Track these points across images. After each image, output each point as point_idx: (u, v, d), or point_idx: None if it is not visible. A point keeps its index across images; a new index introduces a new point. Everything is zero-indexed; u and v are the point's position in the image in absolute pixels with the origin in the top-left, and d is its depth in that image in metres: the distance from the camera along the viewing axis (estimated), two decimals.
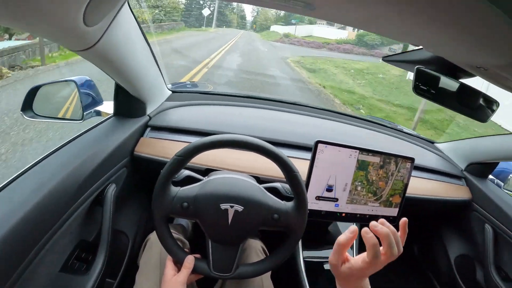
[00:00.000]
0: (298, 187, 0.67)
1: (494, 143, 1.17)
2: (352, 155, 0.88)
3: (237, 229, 0.66)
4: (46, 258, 0.64)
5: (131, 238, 1.02)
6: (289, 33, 33.42)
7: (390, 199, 0.96)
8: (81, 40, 0.56)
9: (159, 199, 0.65)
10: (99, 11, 0.52)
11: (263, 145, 0.64)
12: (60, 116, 1.01)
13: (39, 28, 0.48)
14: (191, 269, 0.67)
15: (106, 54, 0.65)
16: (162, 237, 0.68)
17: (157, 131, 1.02)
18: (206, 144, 0.64)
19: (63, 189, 0.66)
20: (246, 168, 0.92)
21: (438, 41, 0.44)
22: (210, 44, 15.03)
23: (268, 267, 0.70)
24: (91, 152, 0.77)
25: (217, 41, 17.14)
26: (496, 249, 1.15)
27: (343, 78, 10.99)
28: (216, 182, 0.69)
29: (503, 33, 0.32)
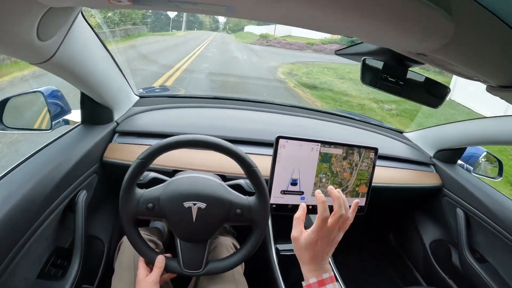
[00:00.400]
0: (257, 181, 0.69)
1: (460, 129, 1.20)
2: (314, 149, 0.91)
3: (202, 225, 0.69)
4: (22, 265, 0.66)
5: (107, 243, 1.03)
6: (267, 33, 30.01)
7: (357, 189, 0.99)
8: (37, 53, 0.57)
9: (124, 202, 0.67)
10: (52, 26, 0.54)
11: (219, 142, 0.67)
12: (36, 126, 1.03)
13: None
14: (162, 268, 0.69)
15: (65, 65, 0.67)
16: (131, 239, 0.70)
17: (125, 136, 1.04)
18: (165, 145, 0.67)
19: (33, 197, 0.68)
20: (212, 168, 0.95)
21: (369, 33, 0.46)
22: (172, 52, 11.37)
23: (237, 261, 0.73)
24: (59, 161, 0.79)
25: (183, 47, 13.79)
26: (469, 232, 1.18)
27: (362, 101, 7.33)
28: (180, 181, 0.71)
29: (428, 17, 0.34)
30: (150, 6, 0.45)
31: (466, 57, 0.46)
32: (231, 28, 49.63)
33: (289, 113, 1.34)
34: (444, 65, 0.54)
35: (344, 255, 1.23)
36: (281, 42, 23.00)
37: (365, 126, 1.39)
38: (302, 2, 0.35)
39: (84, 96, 0.92)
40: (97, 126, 0.98)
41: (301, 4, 0.35)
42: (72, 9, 0.57)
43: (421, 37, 0.41)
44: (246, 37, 32.31)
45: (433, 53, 0.46)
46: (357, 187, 0.98)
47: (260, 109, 1.33)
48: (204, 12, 0.45)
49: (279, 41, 23.33)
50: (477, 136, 1.13)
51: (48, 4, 0.45)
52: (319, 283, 0.59)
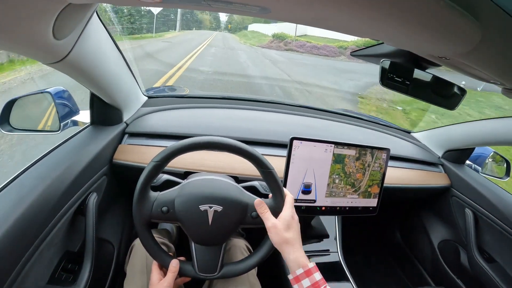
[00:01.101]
0: (274, 183, 0.68)
1: (468, 129, 1.20)
2: (327, 150, 0.90)
3: (218, 229, 0.68)
4: (32, 272, 0.65)
5: (116, 246, 1.02)
6: (282, 33, 23.67)
7: (369, 189, 0.99)
8: (52, 53, 0.56)
9: (139, 205, 0.66)
10: (68, 24, 0.53)
11: (236, 144, 0.66)
12: (40, 127, 1.01)
13: (9, 44, 0.49)
14: (176, 273, 0.68)
15: (78, 65, 0.65)
16: (145, 243, 0.68)
17: (135, 137, 1.02)
18: (181, 147, 0.65)
19: (43, 201, 0.66)
20: (224, 169, 0.94)
21: (395, 35, 0.45)
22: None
23: (252, 265, 0.71)
24: (70, 163, 0.78)
25: (165, 56, 9.68)
26: (478, 232, 1.18)
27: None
28: (194, 184, 0.70)
29: (457, 23, 0.34)
30: (180, 4, 0.44)
31: (490, 62, 0.46)
32: (233, 27, 45.86)
33: (298, 113, 1.33)
34: (463, 68, 0.54)
35: (351, 254, 1.23)
36: (305, 46, 17.32)
37: (373, 126, 1.39)
38: (335, 5, 0.34)
39: (94, 96, 0.90)
40: (106, 127, 0.97)
41: (333, 6, 0.35)
42: (89, 6, 0.56)
43: (447, 42, 0.41)
44: (252, 36, 29.08)
45: (456, 57, 0.46)
46: (369, 187, 0.98)
47: (269, 109, 1.32)
48: (237, 12, 0.45)
49: (301, 44, 17.82)
50: (486, 136, 1.13)
51: (68, 0, 0.44)
52: (306, 273, 0.60)
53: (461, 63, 0.50)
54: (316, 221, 1.14)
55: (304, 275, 0.60)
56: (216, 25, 52.81)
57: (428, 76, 0.70)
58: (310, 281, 0.60)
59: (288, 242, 0.63)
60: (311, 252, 1.06)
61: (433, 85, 0.71)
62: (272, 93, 6.60)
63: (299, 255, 0.62)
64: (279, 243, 0.64)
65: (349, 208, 0.98)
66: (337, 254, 1.06)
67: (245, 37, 30.39)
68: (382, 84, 0.72)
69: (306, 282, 0.60)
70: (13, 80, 4.64)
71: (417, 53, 0.57)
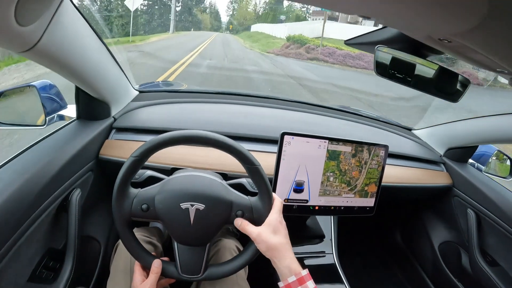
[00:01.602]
0: (260, 180, 0.64)
1: (471, 127, 1.16)
2: (321, 146, 0.86)
3: (200, 228, 0.64)
4: (10, 269, 0.62)
5: (103, 244, 0.99)
6: (301, 35, 17.83)
7: (366, 188, 0.95)
8: (18, 40, 0.53)
9: (118, 202, 0.63)
10: (32, 9, 0.49)
11: (219, 138, 0.62)
12: (28, 122, 0.99)
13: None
14: (159, 274, 0.65)
15: (51, 54, 0.62)
16: (126, 242, 0.65)
17: (123, 132, 0.99)
18: (161, 141, 0.62)
19: (20, 196, 0.63)
20: (213, 166, 0.90)
21: (389, 12, 0.41)
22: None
23: (238, 266, 0.68)
24: (51, 157, 0.75)
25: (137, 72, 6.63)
26: (480, 233, 1.14)
27: None
28: (176, 180, 0.66)
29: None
30: None
31: (496, 43, 0.41)
32: (235, 28, 42.14)
33: (295, 109, 1.29)
34: (466, 53, 0.49)
35: (349, 256, 1.19)
36: (335, 54, 12.00)
37: (372, 122, 1.34)
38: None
39: (79, 90, 0.88)
40: (93, 122, 0.94)
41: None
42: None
43: (449, 17, 0.36)
44: (258, 38, 24.99)
45: (459, 38, 0.42)
46: (366, 186, 0.94)
47: (264, 105, 1.28)
48: None
49: (330, 52, 12.30)
50: (489, 134, 1.08)
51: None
52: (298, 281, 0.57)
53: (464, 47, 0.45)
54: (311, 221, 1.11)
55: (297, 283, 0.57)
56: (217, 25, 49.82)
57: (429, 67, 0.66)
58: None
59: (276, 248, 0.60)
60: (306, 253, 1.02)
61: (434, 76, 0.68)
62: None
63: (290, 261, 0.59)
64: (267, 251, 0.60)
65: (344, 208, 0.94)
66: (331, 256, 1.02)
67: (250, 39, 26.58)
68: (377, 73, 0.69)
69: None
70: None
71: (413, 35, 0.52)
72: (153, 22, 25.16)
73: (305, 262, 0.99)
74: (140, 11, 16.65)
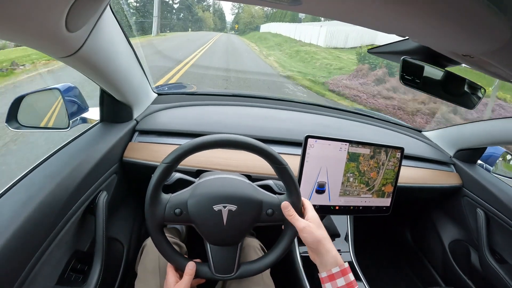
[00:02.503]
0: (288, 179, 0.66)
1: (480, 129, 1.19)
2: (342, 148, 0.89)
3: (233, 228, 0.66)
4: (42, 272, 0.63)
5: (126, 245, 1.00)
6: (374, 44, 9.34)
7: (383, 188, 0.97)
8: (64, 46, 0.54)
9: (151, 208, 0.64)
10: (81, 16, 0.51)
11: (249, 141, 0.64)
12: (43, 124, 0.99)
13: (20, 36, 0.47)
14: (193, 275, 0.66)
15: (90, 59, 0.63)
16: (159, 246, 0.66)
17: (145, 135, 1.01)
18: (193, 147, 0.63)
19: (53, 200, 0.64)
20: (237, 167, 0.92)
21: (423, 31, 0.44)
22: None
23: (270, 263, 0.70)
24: (79, 161, 0.76)
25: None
26: (489, 232, 1.17)
27: None
28: (207, 184, 0.68)
29: (487, 20, 0.32)
30: None
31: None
32: (241, 28, 35.59)
33: (311, 111, 1.32)
34: (487, 67, 0.52)
35: (362, 254, 1.22)
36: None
37: (385, 124, 1.37)
38: (371, 3, 0.33)
39: (104, 93, 0.89)
40: (116, 125, 0.95)
41: (370, 4, 0.34)
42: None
43: (475, 39, 0.39)
44: (277, 43, 18.34)
45: (482, 56, 0.44)
46: (383, 186, 0.97)
47: (282, 107, 1.30)
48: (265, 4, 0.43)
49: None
50: (497, 135, 1.11)
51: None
52: (342, 272, 0.59)
53: (485, 62, 0.48)
54: (327, 221, 1.13)
55: (340, 274, 0.59)
56: (221, 25, 41.87)
57: (444, 73, 0.68)
58: (345, 281, 0.59)
59: (322, 240, 0.62)
60: None
61: (450, 83, 0.70)
62: None
63: (336, 253, 0.61)
64: (315, 242, 0.62)
65: (363, 208, 0.96)
66: (349, 254, 1.04)
67: (264, 42, 19.23)
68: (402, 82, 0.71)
69: (341, 281, 0.59)
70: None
71: (440, 50, 0.55)
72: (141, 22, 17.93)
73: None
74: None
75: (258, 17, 36.61)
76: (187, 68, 8.03)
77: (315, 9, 0.42)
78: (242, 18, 38.96)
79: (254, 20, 37.45)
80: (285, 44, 17.38)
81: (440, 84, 0.70)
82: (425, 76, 0.68)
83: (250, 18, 37.48)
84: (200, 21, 36.90)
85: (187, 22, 34.06)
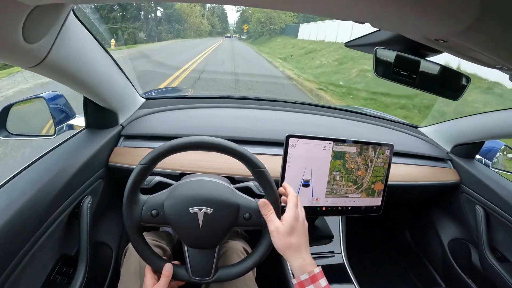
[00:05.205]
0: (266, 182, 0.66)
1: (477, 122, 1.15)
2: (326, 147, 0.87)
3: (209, 231, 0.66)
4: (24, 276, 0.64)
5: (115, 249, 1.01)
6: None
7: (372, 186, 0.95)
8: (27, 57, 0.55)
9: (128, 209, 0.65)
10: (39, 27, 0.51)
11: (223, 143, 0.63)
12: (38, 132, 1.01)
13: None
14: (170, 277, 0.66)
15: (59, 68, 0.64)
16: (137, 247, 0.67)
17: (131, 139, 1.01)
18: (168, 149, 0.63)
19: (34, 205, 0.66)
20: (221, 170, 0.91)
21: (380, 15, 0.42)
22: None
23: (248, 267, 0.69)
24: (62, 166, 0.77)
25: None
26: (489, 230, 1.13)
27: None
28: (184, 186, 0.68)
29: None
30: None
31: (491, 41, 0.42)
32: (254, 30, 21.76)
33: (300, 111, 1.30)
34: (464, 52, 0.50)
35: (359, 254, 1.20)
36: None
37: (378, 121, 1.34)
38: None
39: (86, 100, 0.90)
40: (102, 130, 0.96)
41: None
42: (61, 7, 0.53)
43: (442, 18, 0.37)
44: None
45: (454, 38, 0.42)
46: (373, 184, 0.94)
47: (270, 108, 1.29)
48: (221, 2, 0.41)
49: None
50: (496, 129, 1.08)
51: (32, 4, 0.42)
52: (311, 279, 0.57)
53: (461, 46, 0.46)
54: (320, 222, 1.11)
55: (309, 281, 0.57)
56: (223, 27, 28.60)
57: (430, 65, 0.66)
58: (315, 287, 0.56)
59: (292, 246, 0.60)
60: (315, 254, 1.03)
61: (435, 73, 0.68)
62: None
63: (304, 262, 0.59)
64: (282, 249, 0.60)
65: (352, 208, 0.94)
66: (341, 256, 1.02)
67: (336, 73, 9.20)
68: (377, 74, 0.69)
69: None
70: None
71: (410, 36, 0.53)
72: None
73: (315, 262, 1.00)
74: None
75: (285, 13, 19.29)
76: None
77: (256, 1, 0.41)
78: (254, 17, 22.86)
79: (280, 21, 20.64)
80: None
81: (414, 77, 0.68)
82: (400, 66, 0.66)
83: (268, 19, 21.82)
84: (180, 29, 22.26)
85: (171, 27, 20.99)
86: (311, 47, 14.55)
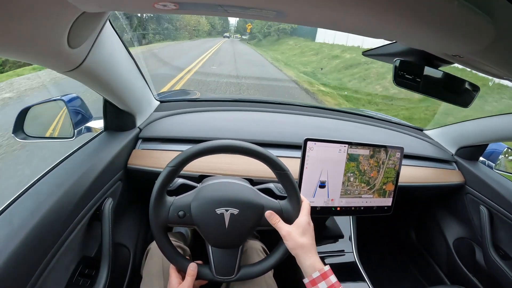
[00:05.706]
0: (289, 184, 0.68)
1: (481, 126, 1.19)
2: (341, 150, 0.90)
3: (234, 231, 0.68)
4: (50, 278, 0.65)
5: (132, 250, 1.02)
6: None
7: (384, 187, 0.98)
8: (67, 61, 0.57)
9: (155, 210, 0.66)
10: (82, 33, 0.53)
11: (250, 147, 0.66)
12: (48, 134, 1.02)
13: (24, 54, 0.49)
14: (195, 276, 0.68)
15: (92, 72, 0.66)
16: (163, 247, 0.68)
17: (148, 142, 1.03)
18: (196, 152, 0.65)
19: (60, 208, 0.67)
20: (239, 172, 0.93)
21: (410, 35, 0.45)
22: None
23: (269, 267, 0.71)
24: (85, 169, 0.78)
25: None
26: (493, 229, 1.17)
27: None
28: (210, 188, 0.70)
29: (470, 22, 0.34)
30: (197, 11, 0.44)
31: (504, 60, 0.46)
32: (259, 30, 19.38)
33: (310, 114, 1.33)
34: (477, 65, 0.54)
35: (366, 254, 1.22)
36: None
37: (385, 124, 1.38)
38: (351, 5, 0.34)
39: (107, 103, 0.91)
40: (120, 133, 0.97)
41: (349, 6, 0.35)
42: (103, 14, 0.56)
43: (461, 40, 0.41)
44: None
45: (470, 55, 0.46)
46: (384, 185, 0.98)
47: (281, 111, 1.32)
48: (253, 17, 0.44)
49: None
50: (499, 132, 1.11)
51: (83, 8, 0.44)
52: (322, 276, 0.61)
53: (475, 61, 0.49)
54: (330, 222, 1.14)
55: (321, 278, 0.61)
56: (224, 26, 26.79)
57: (439, 73, 0.69)
58: (326, 284, 0.61)
59: (303, 247, 0.64)
60: (326, 253, 1.05)
61: (445, 82, 0.71)
62: None
63: (314, 260, 0.63)
64: (294, 249, 0.65)
65: (364, 208, 0.97)
66: (352, 255, 1.05)
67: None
68: (395, 83, 0.72)
69: (322, 285, 0.60)
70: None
71: (430, 52, 0.57)
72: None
73: (326, 260, 1.02)
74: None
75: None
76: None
77: (300, 19, 0.43)
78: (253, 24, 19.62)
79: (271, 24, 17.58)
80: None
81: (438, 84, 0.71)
82: (424, 75, 0.69)
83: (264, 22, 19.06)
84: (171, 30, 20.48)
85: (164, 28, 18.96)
86: (349, 57, 9.67)
